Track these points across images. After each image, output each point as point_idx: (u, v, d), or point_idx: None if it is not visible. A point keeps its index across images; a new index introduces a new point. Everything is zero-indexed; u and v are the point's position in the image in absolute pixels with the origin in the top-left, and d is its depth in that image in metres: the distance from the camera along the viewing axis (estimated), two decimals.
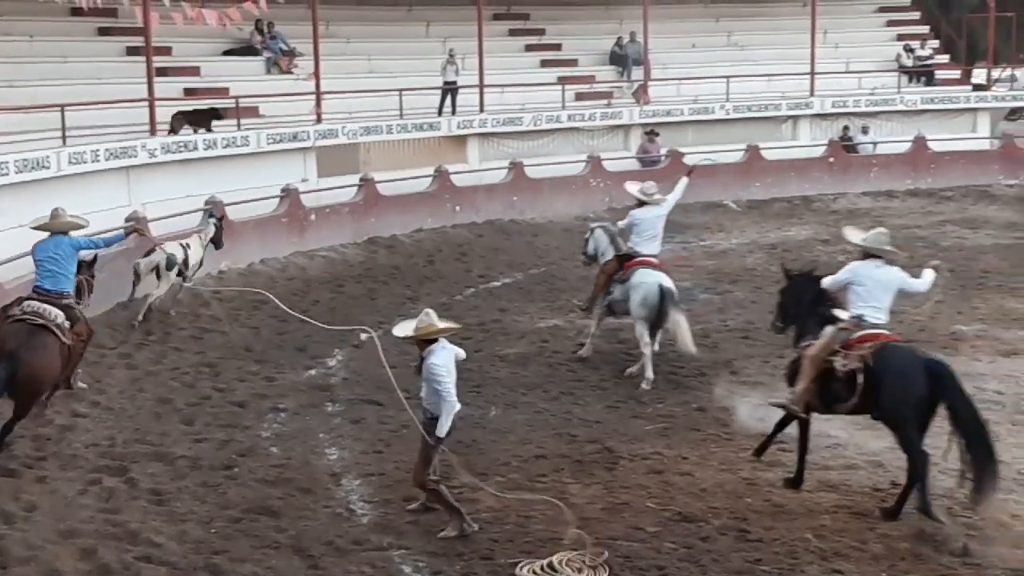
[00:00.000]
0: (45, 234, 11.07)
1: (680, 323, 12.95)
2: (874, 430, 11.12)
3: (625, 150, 26.07)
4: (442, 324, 9.04)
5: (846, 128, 27.80)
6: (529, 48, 27.66)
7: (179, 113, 19.87)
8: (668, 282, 13.05)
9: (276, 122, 21.52)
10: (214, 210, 17.39)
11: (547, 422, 11.64)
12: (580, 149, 25.31)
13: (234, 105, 20.80)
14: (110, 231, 12.97)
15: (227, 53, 23.43)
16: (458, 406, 8.82)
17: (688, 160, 24.88)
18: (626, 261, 13.41)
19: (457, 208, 22.62)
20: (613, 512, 9.36)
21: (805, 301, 10.24)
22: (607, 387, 12.81)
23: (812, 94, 27.61)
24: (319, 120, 21.80)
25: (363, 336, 9.44)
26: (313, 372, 13.68)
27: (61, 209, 11.26)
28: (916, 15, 32.31)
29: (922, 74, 29.91)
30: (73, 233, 11.17)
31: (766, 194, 25.60)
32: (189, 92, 21.50)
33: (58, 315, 10.55)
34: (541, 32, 28.09)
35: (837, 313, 9.75)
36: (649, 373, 12.80)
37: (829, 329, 9.63)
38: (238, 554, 8.65)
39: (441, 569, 8.41)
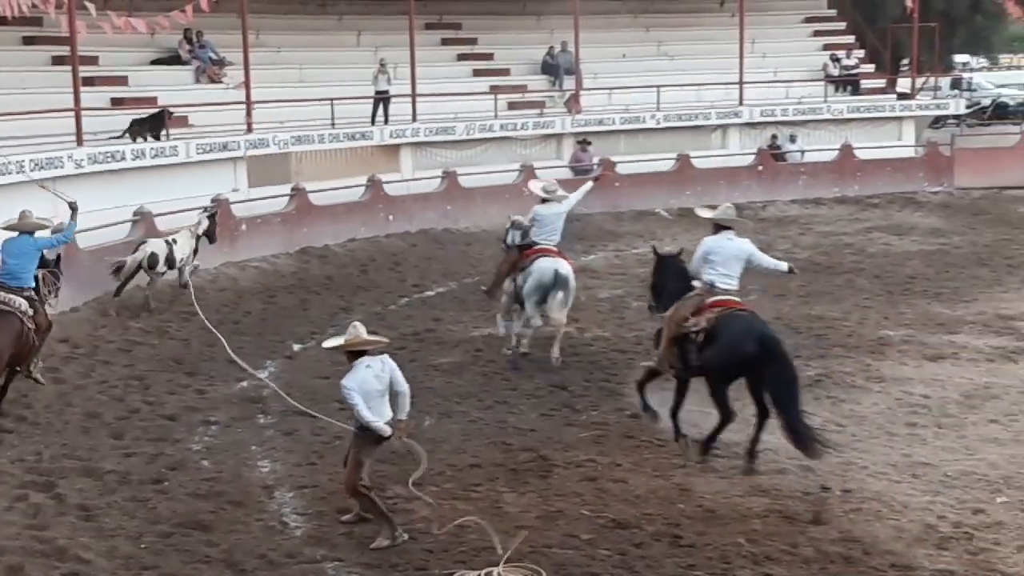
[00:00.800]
0: (14, 233, 12.23)
1: (559, 298, 13.66)
2: None
3: (558, 159, 26.16)
4: (370, 337, 9.05)
5: (774, 137, 28.16)
6: (461, 58, 27.69)
7: (136, 122, 20.05)
8: (565, 268, 13.78)
9: (206, 132, 21.30)
10: (214, 208, 18.21)
11: (481, 431, 11.64)
12: (513, 158, 25.37)
13: (172, 110, 20.60)
14: (63, 224, 13.34)
15: (155, 62, 23.18)
16: (370, 420, 8.78)
17: (619, 169, 25.20)
18: (525, 251, 14.15)
19: (390, 217, 22.55)
20: (548, 520, 9.37)
21: (672, 279, 11.13)
22: (541, 395, 12.84)
23: (741, 103, 27.94)
24: (249, 130, 21.62)
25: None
26: (245, 384, 13.55)
27: (28, 211, 12.51)
28: (842, 25, 32.84)
29: (848, 83, 30.39)
30: (38, 233, 12.36)
31: (697, 202, 25.55)
32: (116, 102, 21.22)
33: (22, 303, 11.86)
34: (473, 42, 28.13)
35: (694, 283, 10.79)
36: (523, 345, 13.92)
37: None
38: (169, 569, 8.54)
39: None
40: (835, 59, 30.48)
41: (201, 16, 20.45)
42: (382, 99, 24.07)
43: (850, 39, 32.27)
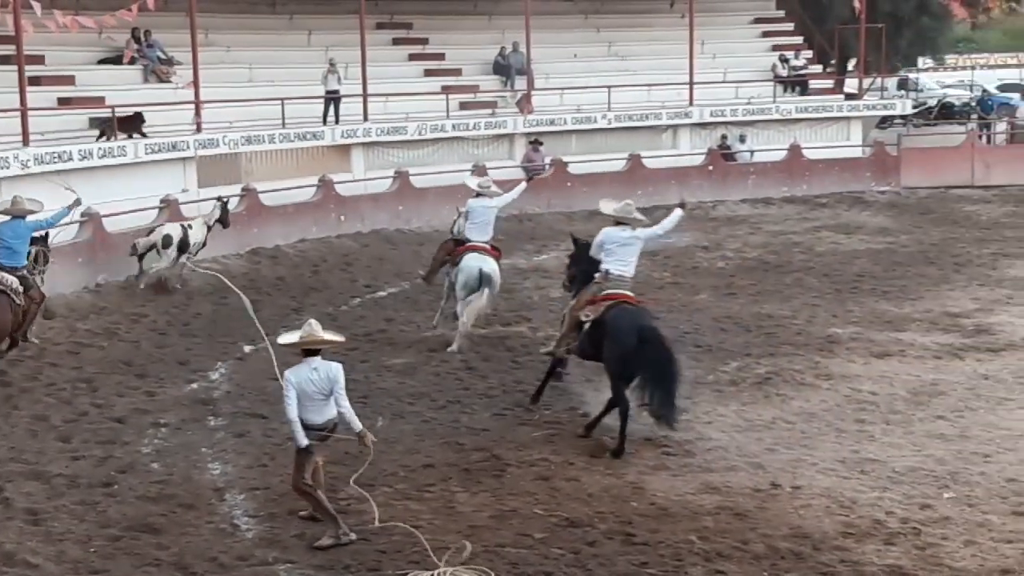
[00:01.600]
0: (6, 217, 13.30)
1: (477, 300, 14.32)
2: (754, 432, 11.41)
3: (510, 159, 26.19)
4: (327, 335, 9.02)
5: (724, 137, 28.36)
6: (412, 57, 27.64)
7: (106, 119, 20.36)
8: (489, 267, 14.46)
9: (154, 132, 21.10)
10: (227, 197, 19.31)
11: (434, 431, 11.63)
12: (465, 158, 25.35)
13: (111, 114, 20.39)
14: (54, 210, 14.45)
15: (102, 62, 22.92)
16: (291, 419, 8.80)
17: (571, 169, 25.27)
18: (460, 245, 14.90)
19: (342, 218, 22.47)
20: (501, 519, 9.39)
21: (584, 265, 12.01)
22: (494, 395, 12.85)
23: (691, 103, 28.10)
24: (199, 130, 21.45)
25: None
26: (195, 386, 13.44)
27: (19, 196, 13.74)
28: (790, 26, 33.13)
29: (796, 84, 30.67)
30: (29, 217, 13.43)
31: (648, 202, 25.71)
32: (63, 102, 20.98)
33: (13, 281, 12.96)
34: (424, 42, 28.08)
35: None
36: (455, 346, 14.42)
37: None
38: (118, 573, 8.46)
39: None
40: (784, 60, 30.75)
41: (149, 15, 20.27)
42: (332, 99, 23.97)
43: (798, 40, 32.58)
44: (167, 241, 17.63)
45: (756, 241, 22.39)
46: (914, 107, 34.41)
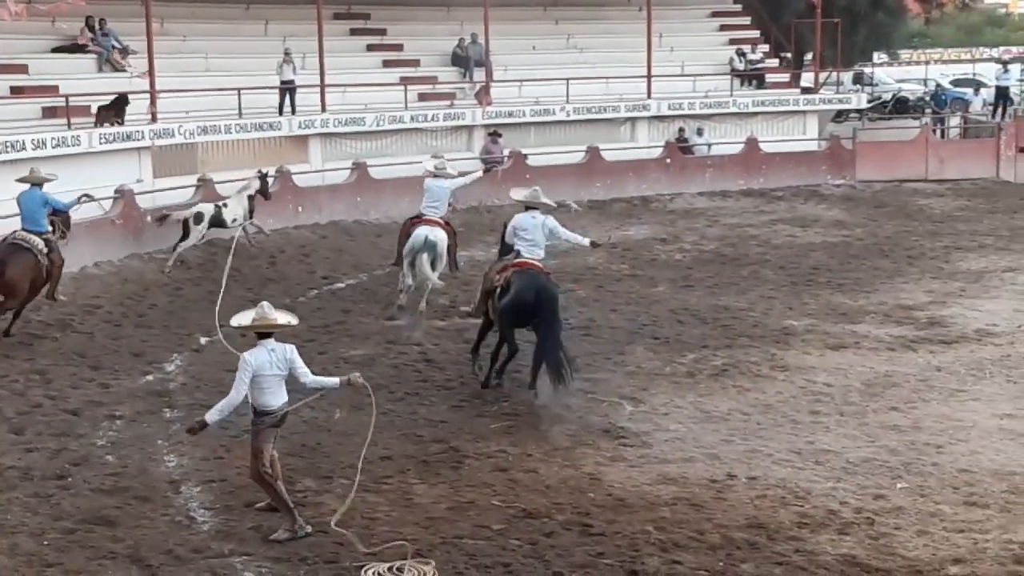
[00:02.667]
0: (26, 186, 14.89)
1: (423, 259, 15.45)
2: (711, 423, 11.49)
3: (469, 151, 26.16)
4: (280, 318, 8.96)
5: (682, 130, 28.47)
6: (371, 48, 27.52)
7: (102, 108, 20.64)
8: (435, 235, 15.58)
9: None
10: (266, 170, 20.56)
11: (392, 423, 11.61)
12: (423, 150, 25.28)
13: (64, 104, 20.17)
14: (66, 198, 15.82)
15: (56, 50, 22.64)
16: (232, 403, 8.75)
17: (530, 161, 25.28)
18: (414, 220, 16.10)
19: (299, 209, 22.36)
20: (459, 511, 9.39)
21: (508, 251, 13.15)
22: (453, 387, 12.85)
23: (649, 96, 28.19)
24: (154, 119, 21.25)
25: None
26: (150, 377, 13.35)
27: (35, 168, 15.52)
28: (747, 20, 33.31)
29: (753, 77, 30.85)
30: (46, 187, 15.03)
31: (606, 194, 26.05)
32: (16, 90, 20.72)
33: (39, 242, 14.51)
34: (382, 32, 27.97)
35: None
36: (401, 300, 15.85)
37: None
38: (73, 566, 8.38)
39: (285, 574, 8.30)
40: (741, 54, 30.90)
41: (103, 3, 20.05)
42: (288, 89, 23.82)
43: (755, 34, 32.76)
44: (198, 218, 18.84)
45: (713, 234, 22.52)
46: (869, 102, 34.71)
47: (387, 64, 27.18)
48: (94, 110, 21.07)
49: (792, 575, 8.18)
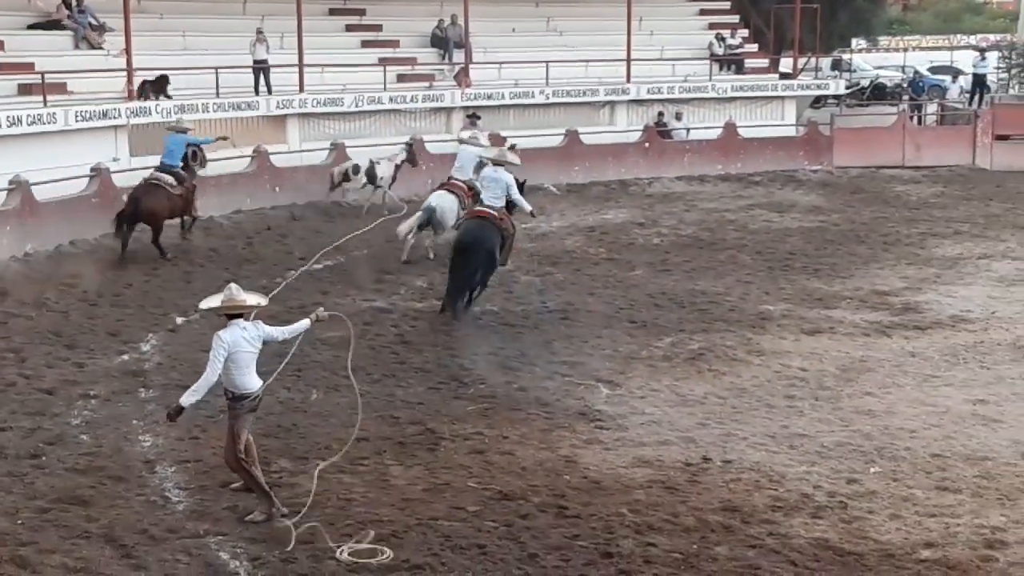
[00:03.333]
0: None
1: (410, 218, 17.52)
2: (686, 406, 11.54)
3: (447, 133, 26.09)
4: (250, 299, 8.94)
5: (661, 114, 28.49)
6: (350, 28, 27.40)
7: (144, 82, 21.57)
8: (441, 202, 17.35)
9: (85, 99, 20.72)
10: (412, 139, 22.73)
11: (369, 404, 11.54)
12: (402, 131, 25.23)
13: (40, 81, 20.00)
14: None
15: (32, 27, 22.43)
16: (206, 384, 8.67)
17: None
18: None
19: (277, 189, 22.28)
20: (434, 492, 9.41)
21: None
22: (430, 369, 12.85)
23: (628, 80, 28.19)
24: (131, 97, 21.11)
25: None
26: (126, 357, 13.29)
27: (180, 118, 19.94)
28: (727, 5, 33.33)
29: (732, 62, 30.89)
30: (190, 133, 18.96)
31: (585, 178, 26.07)
32: None
33: (168, 179, 18.00)
34: (362, 12, 27.84)
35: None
36: (403, 227, 17.64)
37: None
38: (46, 545, 8.35)
39: (260, 555, 8.30)
40: (720, 38, 30.93)
41: None
42: (261, 69, 23.66)
43: (735, 19, 32.78)
44: (356, 169, 21.70)
45: (691, 218, 22.57)
46: (847, 88, 34.81)
47: (366, 44, 27.08)
48: (70, 88, 20.92)
49: (765, 558, 8.23)
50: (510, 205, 15.19)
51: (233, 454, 8.89)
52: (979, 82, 32.82)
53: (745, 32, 32.58)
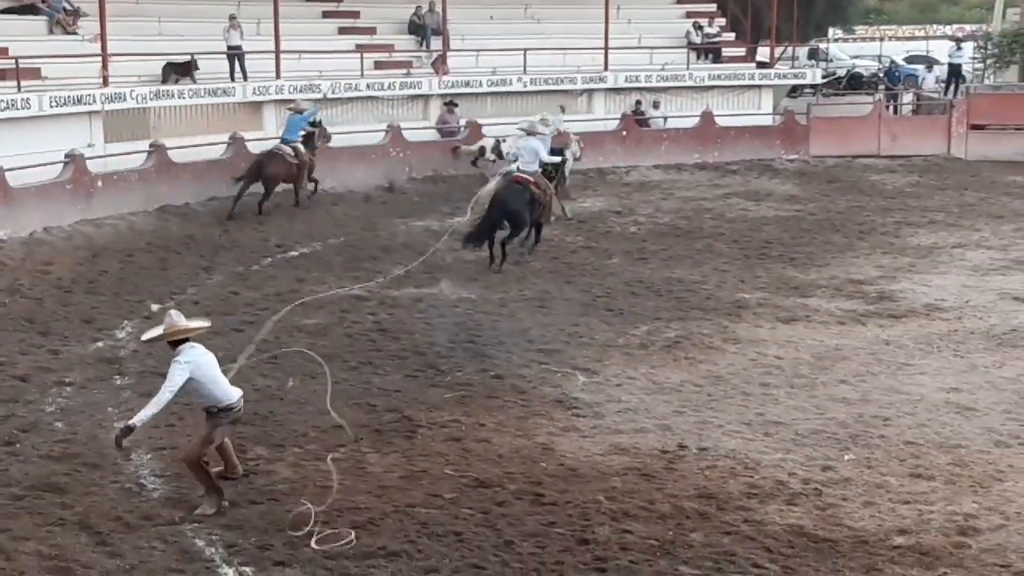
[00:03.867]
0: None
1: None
2: (662, 394, 11.58)
3: (425, 120, 26.06)
4: (192, 324, 8.94)
5: (638, 102, 28.51)
6: (326, 15, 27.29)
7: (169, 64, 22.46)
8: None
9: (59, 84, 20.56)
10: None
11: (346, 392, 11.57)
12: (379, 118, 25.18)
13: (14, 66, 19.84)
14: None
15: (6, 12, 22.23)
16: (154, 409, 8.62)
17: (486, 131, 25.23)
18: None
19: None
20: (411, 480, 9.41)
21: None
22: (406, 357, 12.84)
23: (606, 69, 28.19)
24: (105, 83, 20.97)
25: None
26: (101, 344, 13.23)
27: (298, 100, 22.13)
28: None
29: (710, 51, 30.93)
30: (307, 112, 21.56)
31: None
32: None
33: (288, 149, 20.91)
34: None
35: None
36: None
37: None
38: (21, 532, 8.32)
39: (235, 542, 8.29)
40: (697, 27, 30.95)
41: None
42: (236, 55, 23.53)
43: (712, 8, 32.81)
44: (483, 151, 24.00)
45: (668, 207, 22.61)
46: (824, 77, 34.90)
47: (343, 31, 26.97)
48: (44, 73, 20.76)
49: (740, 544, 8.27)
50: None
51: (196, 455, 8.81)
52: (955, 72, 32.97)
53: (722, 21, 32.61)
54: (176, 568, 7.93)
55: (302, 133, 21.28)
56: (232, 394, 8.90)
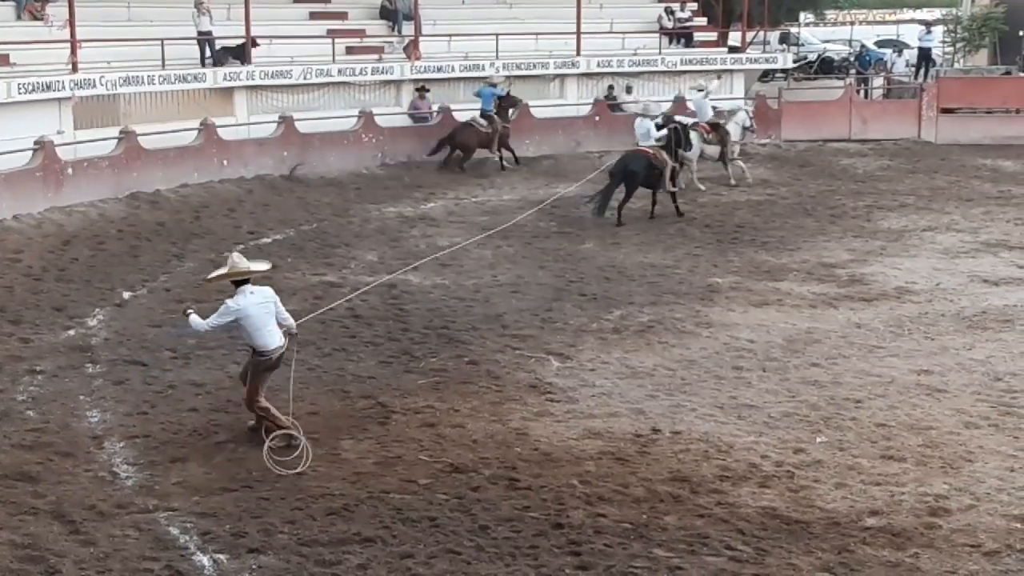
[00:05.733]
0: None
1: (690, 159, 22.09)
2: (636, 378, 11.62)
3: (397, 105, 25.97)
4: (252, 266, 9.76)
5: (611, 87, 28.49)
6: (298, 0, 27.10)
7: (224, 48, 23.14)
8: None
9: (28, 71, 20.36)
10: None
11: (320, 379, 11.59)
12: (351, 104, 25.07)
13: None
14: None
15: None
16: (200, 328, 9.66)
17: (459, 117, 25.18)
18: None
19: (225, 163, 22.03)
20: (386, 466, 9.43)
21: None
22: (380, 343, 12.84)
23: (578, 54, 28.15)
24: (75, 70, 20.77)
25: None
26: (72, 332, 13.16)
27: (491, 75, 25.38)
28: None
29: (681, 36, 30.94)
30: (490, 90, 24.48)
31: (535, 151, 26.04)
32: None
33: (482, 121, 24.05)
34: None
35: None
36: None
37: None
38: None
39: (210, 529, 8.29)
40: (669, 12, 30.94)
41: None
42: (206, 40, 23.34)
43: None
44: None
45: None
46: (795, 61, 35.01)
47: (314, 16, 26.81)
48: (13, 60, 20.55)
49: (714, 527, 8.33)
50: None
51: (250, 400, 9.75)
52: (925, 56, 33.14)
53: (694, 5, 32.60)
54: (150, 556, 7.93)
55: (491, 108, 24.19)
56: (271, 343, 9.63)
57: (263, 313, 9.58)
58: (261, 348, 9.62)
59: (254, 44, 23.63)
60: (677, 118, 21.98)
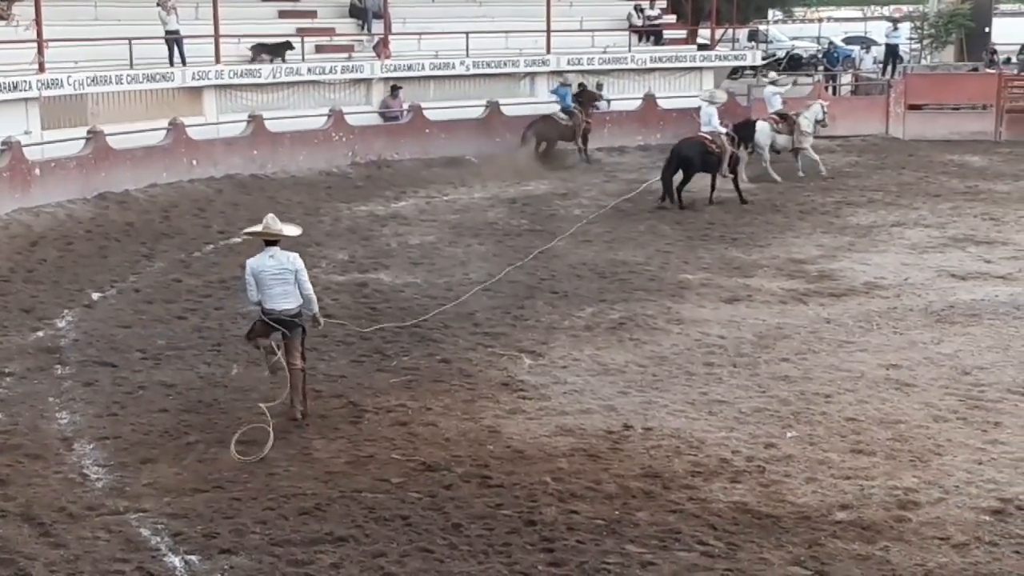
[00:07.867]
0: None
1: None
2: (608, 375, 11.65)
3: (367, 104, 25.92)
4: (285, 229, 10.32)
5: (581, 85, 28.49)
6: None
7: (260, 45, 23.89)
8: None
9: None
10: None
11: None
12: (321, 103, 25.00)
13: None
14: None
15: None
16: (252, 298, 10.30)
17: (429, 115, 25.16)
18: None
19: (194, 162, 21.94)
20: (358, 465, 9.41)
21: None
22: (352, 342, 12.81)
23: (548, 51, 28.18)
24: (42, 69, 20.62)
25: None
26: (41, 334, 13.07)
27: (565, 75, 26.87)
28: None
29: (651, 33, 31.01)
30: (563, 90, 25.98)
31: (506, 149, 26.02)
32: None
33: (561, 115, 25.35)
34: None
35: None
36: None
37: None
38: None
39: (181, 531, 8.24)
40: (639, 9, 31.00)
41: None
42: (174, 39, 23.21)
43: None
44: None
45: (612, 189, 22.68)
46: (764, 59, 35.14)
47: (283, 15, 26.71)
48: None
49: (686, 522, 8.36)
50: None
51: (251, 343, 10.55)
52: (892, 52, 33.35)
53: (663, 3, 32.68)
54: (121, 558, 7.88)
55: (572, 103, 25.59)
56: (273, 306, 10.14)
57: (273, 277, 10.08)
58: (264, 307, 10.19)
59: (289, 47, 24.27)
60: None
